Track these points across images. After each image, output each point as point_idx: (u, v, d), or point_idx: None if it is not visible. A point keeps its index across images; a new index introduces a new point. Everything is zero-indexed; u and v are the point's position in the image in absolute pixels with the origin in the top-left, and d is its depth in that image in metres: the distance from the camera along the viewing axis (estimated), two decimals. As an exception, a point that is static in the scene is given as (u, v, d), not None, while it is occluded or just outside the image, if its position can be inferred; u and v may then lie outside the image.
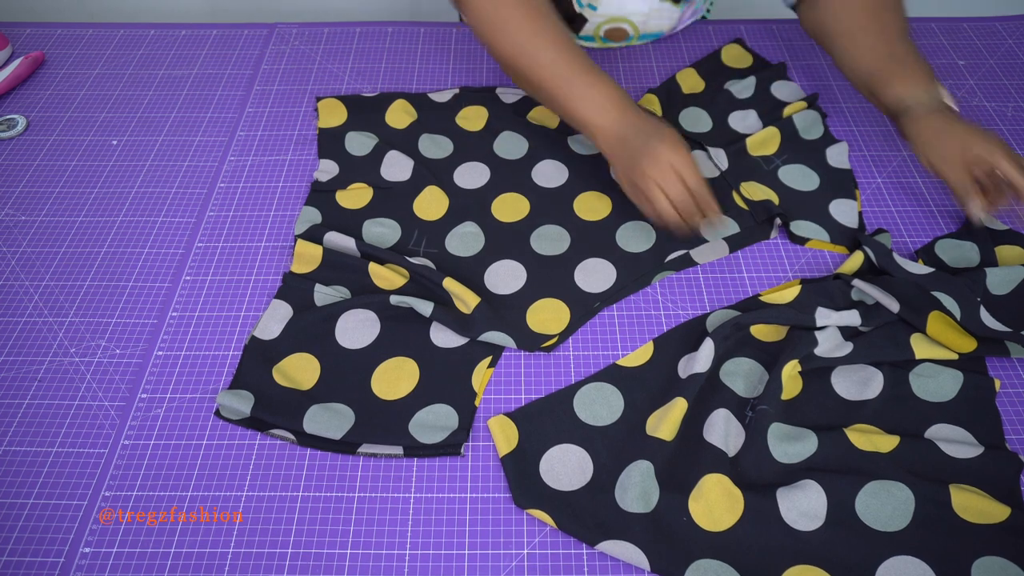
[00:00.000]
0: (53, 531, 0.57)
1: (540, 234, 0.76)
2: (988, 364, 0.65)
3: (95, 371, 0.66)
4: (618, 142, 0.70)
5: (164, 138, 0.88)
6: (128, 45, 1.00)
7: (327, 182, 0.81)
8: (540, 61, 0.72)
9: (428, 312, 0.67)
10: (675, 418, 0.60)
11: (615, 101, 0.71)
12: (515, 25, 0.73)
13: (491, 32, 0.75)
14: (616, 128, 0.70)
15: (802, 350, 0.63)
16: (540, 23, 0.73)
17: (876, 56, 0.75)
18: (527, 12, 0.74)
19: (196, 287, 0.72)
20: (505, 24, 0.74)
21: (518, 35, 0.73)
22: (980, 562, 0.54)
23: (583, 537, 0.55)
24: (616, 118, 0.70)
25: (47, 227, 0.78)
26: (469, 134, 0.86)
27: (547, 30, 0.73)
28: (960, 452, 0.58)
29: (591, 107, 0.71)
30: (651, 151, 0.67)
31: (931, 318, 0.64)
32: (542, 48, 0.73)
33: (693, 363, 0.63)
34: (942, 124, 0.70)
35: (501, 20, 0.74)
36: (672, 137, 0.68)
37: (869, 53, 0.76)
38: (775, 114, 0.86)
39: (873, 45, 0.76)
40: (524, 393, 0.65)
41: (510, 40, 0.74)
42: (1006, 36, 0.98)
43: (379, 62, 0.96)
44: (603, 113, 0.71)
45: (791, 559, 0.54)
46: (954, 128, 0.70)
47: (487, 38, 0.76)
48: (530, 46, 0.73)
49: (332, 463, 0.61)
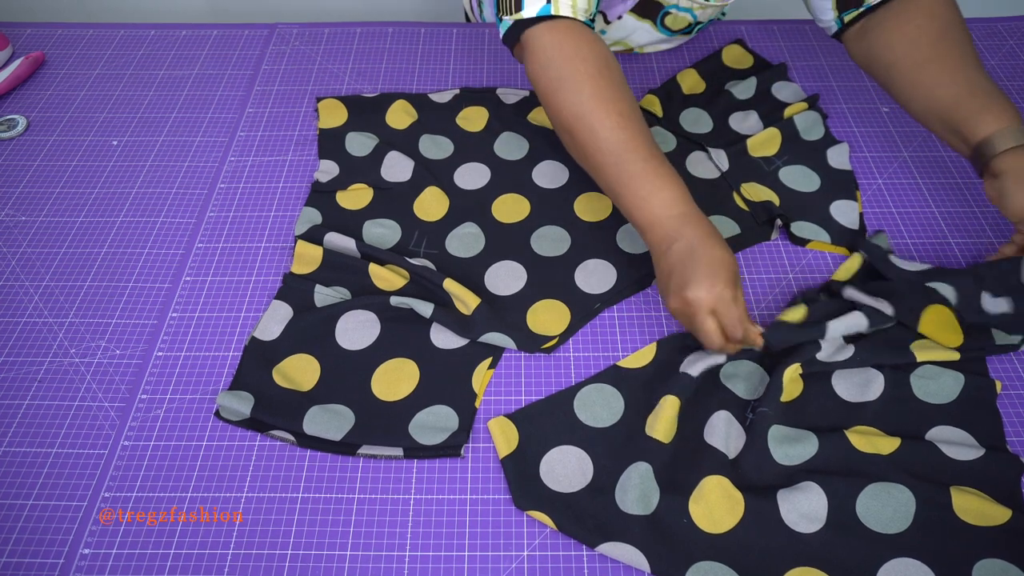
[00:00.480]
0: (53, 531, 0.57)
1: (540, 235, 0.76)
2: (989, 365, 0.65)
3: (95, 372, 0.66)
4: (664, 250, 0.62)
5: (164, 138, 0.88)
6: (128, 45, 1.00)
7: (327, 183, 0.81)
8: (599, 140, 0.64)
9: (428, 313, 0.67)
10: (669, 416, 0.60)
11: (676, 201, 0.63)
12: (584, 87, 0.65)
13: (554, 88, 0.67)
14: (666, 232, 0.62)
15: (805, 354, 0.62)
16: (609, 91, 0.65)
17: (953, 91, 0.65)
18: (595, 72, 0.66)
19: (196, 288, 0.72)
20: (572, 82, 0.66)
21: (584, 99, 0.65)
22: (981, 564, 0.54)
23: (583, 539, 0.55)
24: (670, 220, 0.62)
25: (47, 227, 0.78)
26: (470, 135, 0.86)
27: (616, 100, 0.65)
28: (961, 454, 0.58)
29: (646, 209, 0.63)
30: (688, 283, 0.59)
31: (925, 314, 0.64)
32: (605, 123, 0.64)
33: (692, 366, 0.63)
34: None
35: (569, 77, 0.66)
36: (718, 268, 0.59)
37: (943, 88, 0.66)
38: (776, 115, 0.86)
39: (948, 78, 0.66)
40: (524, 394, 0.65)
41: (573, 102, 0.65)
42: (1007, 37, 0.98)
43: (379, 62, 0.96)
44: (663, 209, 0.62)
45: (792, 561, 0.54)
46: None
47: (548, 94, 0.67)
48: (595, 116, 0.64)
49: (332, 464, 0.61)
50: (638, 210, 0.63)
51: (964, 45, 0.68)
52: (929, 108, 0.68)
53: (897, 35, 0.70)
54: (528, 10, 0.69)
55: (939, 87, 0.66)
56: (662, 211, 0.62)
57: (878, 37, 0.72)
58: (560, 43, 0.67)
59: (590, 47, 0.67)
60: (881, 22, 0.72)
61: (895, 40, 0.70)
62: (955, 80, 0.66)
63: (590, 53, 0.67)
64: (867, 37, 0.74)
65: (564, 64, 0.67)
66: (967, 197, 0.79)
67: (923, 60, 0.68)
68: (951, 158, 0.83)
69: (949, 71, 0.66)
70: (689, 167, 0.82)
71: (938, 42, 0.68)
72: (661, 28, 0.91)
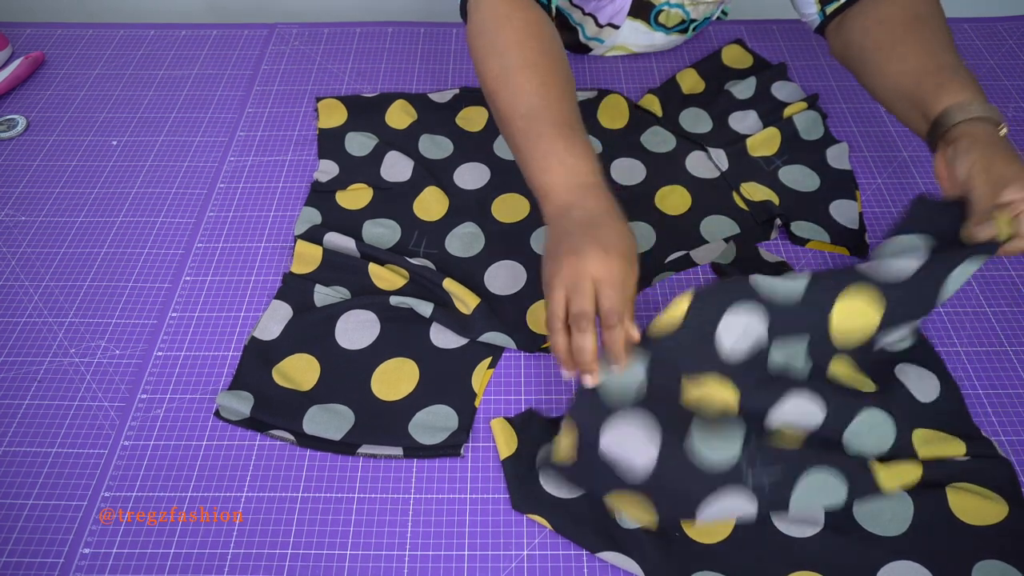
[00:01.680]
0: (53, 531, 0.57)
1: (540, 235, 0.76)
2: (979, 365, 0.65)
3: (95, 371, 0.66)
4: (558, 217, 0.58)
5: (164, 138, 0.88)
6: (128, 45, 1.00)
7: (327, 182, 0.81)
8: (515, 105, 0.62)
9: (428, 313, 0.67)
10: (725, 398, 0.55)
11: (581, 171, 0.59)
12: (510, 52, 0.64)
13: (482, 54, 0.66)
14: (565, 199, 0.58)
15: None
16: (536, 57, 0.64)
17: (921, 68, 0.64)
18: (523, 39, 0.65)
19: (196, 287, 0.72)
20: (498, 48, 0.65)
21: (509, 63, 0.64)
22: (980, 565, 0.54)
23: (582, 543, 0.55)
24: (572, 189, 0.58)
25: (47, 227, 0.78)
26: (469, 134, 0.86)
27: (539, 67, 0.63)
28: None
29: (546, 176, 0.59)
30: (579, 248, 0.54)
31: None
32: (522, 89, 0.62)
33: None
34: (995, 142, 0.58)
35: (499, 43, 0.65)
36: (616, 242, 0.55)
37: (912, 65, 0.65)
38: (775, 115, 0.86)
39: (916, 57, 0.65)
40: (524, 394, 0.65)
41: (497, 66, 0.64)
42: (1007, 36, 0.98)
43: (379, 62, 0.96)
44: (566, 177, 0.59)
45: (790, 566, 0.54)
46: (1007, 152, 0.58)
47: (477, 60, 0.67)
48: (512, 82, 0.63)
49: (332, 464, 0.61)
50: (541, 173, 0.60)
51: (938, 29, 0.67)
52: (896, 85, 0.66)
53: (873, 19, 0.70)
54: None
55: (907, 64, 0.66)
56: (565, 179, 0.59)
57: (855, 22, 0.72)
58: (495, 11, 0.67)
59: (523, 15, 0.67)
60: (859, 11, 0.73)
61: (870, 24, 0.70)
62: (923, 59, 0.65)
63: (522, 21, 0.66)
64: (845, 25, 0.74)
65: (495, 31, 0.66)
66: (967, 197, 0.79)
67: (896, 41, 0.67)
68: (951, 158, 0.83)
69: (919, 51, 0.66)
70: (689, 167, 0.82)
71: (912, 24, 0.68)
72: (655, 26, 0.91)
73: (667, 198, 0.79)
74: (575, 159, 0.59)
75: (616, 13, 0.88)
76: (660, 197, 0.78)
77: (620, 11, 0.88)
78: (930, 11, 0.69)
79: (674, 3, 0.87)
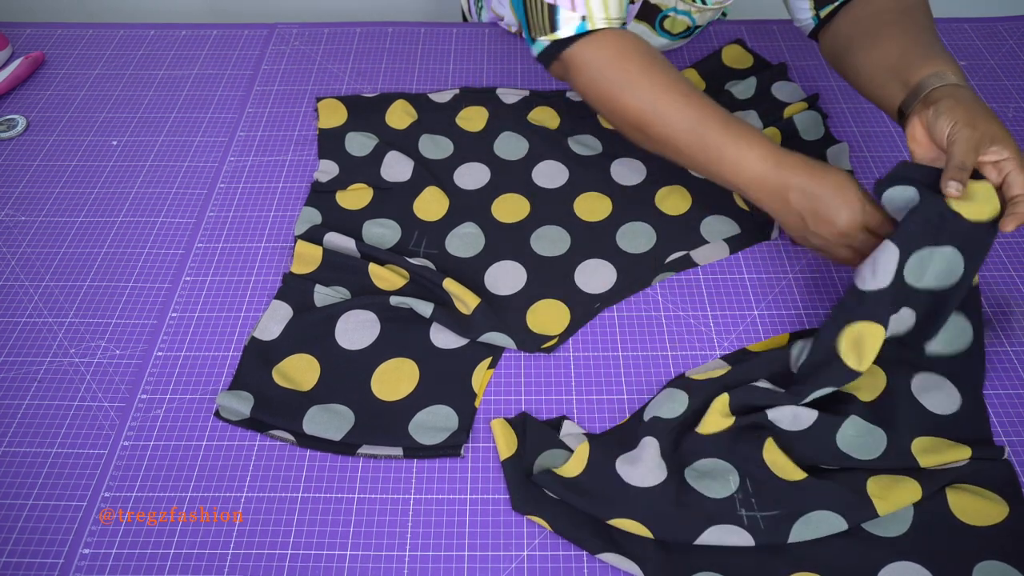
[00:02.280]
0: (53, 531, 0.57)
1: (540, 235, 0.76)
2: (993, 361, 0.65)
3: (95, 372, 0.66)
4: (786, 200, 0.64)
5: (164, 138, 0.88)
6: (128, 45, 1.00)
7: (327, 182, 0.81)
8: (673, 125, 0.66)
9: (428, 313, 0.67)
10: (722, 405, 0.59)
11: (767, 153, 0.64)
12: (641, 83, 0.67)
13: (613, 94, 0.68)
14: (773, 184, 0.64)
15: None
16: (666, 78, 0.67)
17: (907, 45, 0.67)
18: (646, 68, 0.67)
19: (196, 287, 0.72)
20: (629, 83, 0.67)
21: (646, 93, 0.67)
22: (981, 566, 0.54)
23: (581, 544, 0.55)
24: (769, 175, 0.64)
25: (47, 227, 0.78)
26: (469, 135, 0.86)
27: (676, 85, 0.67)
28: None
29: (744, 171, 0.64)
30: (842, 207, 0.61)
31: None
32: (673, 109, 0.66)
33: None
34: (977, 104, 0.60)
35: (625, 79, 0.67)
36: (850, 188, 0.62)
37: (898, 43, 0.68)
38: (776, 115, 0.86)
39: (904, 37, 0.68)
40: (524, 394, 0.65)
41: (637, 100, 0.67)
42: (1007, 37, 0.98)
43: (379, 62, 0.96)
44: (759, 164, 0.64)
45: (790, 566, 0.54)
46: (989, 114, 0.60)
47: (608, 101, 0.69)
48: (661, 105, 0.66)
49: (332, 464, 0.61)
50: (736, 175, 0.65)
51: (925, 18, 0.70)
52: (881, 60, 0.68)
53: (863, 12, 0.73)
54: (564, 30, 0.69)
55: (894, 43, 0.68)
56: (759, 167, 0.64)
57: (846, 17, 0.75)
58: (604, 54, 0.68)
59: (634, 48, 0.68)
60: (850, 8, 0.75)
61: (861, 15, 0.73)
62: (909, 40, 0.68)
63: (635, 53, 0.68)
64: (836, 21, 0.76)
65: (614, 71, 0.68)
66: (967, 197, 0.79)
67: (884, 24, 0.70)
68: (951, 158, 0.83)
69: (906, 33, 0.68)
70: (689, 167, 0.82)
71: (902, 14, 0.70)
72: (660, 32, 0.91)
73: (667, 198, 0.79)
74: (757, 148, 0.64)
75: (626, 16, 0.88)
76: (660, 197, 0.78)
77: (629, 14, 0.88)
78: (917, 3, 0.71)
79: (681, 9, 0.87)
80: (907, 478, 0.56)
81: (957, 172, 0.57)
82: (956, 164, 0.57)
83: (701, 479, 0.57)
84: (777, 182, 0.64)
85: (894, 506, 0.55)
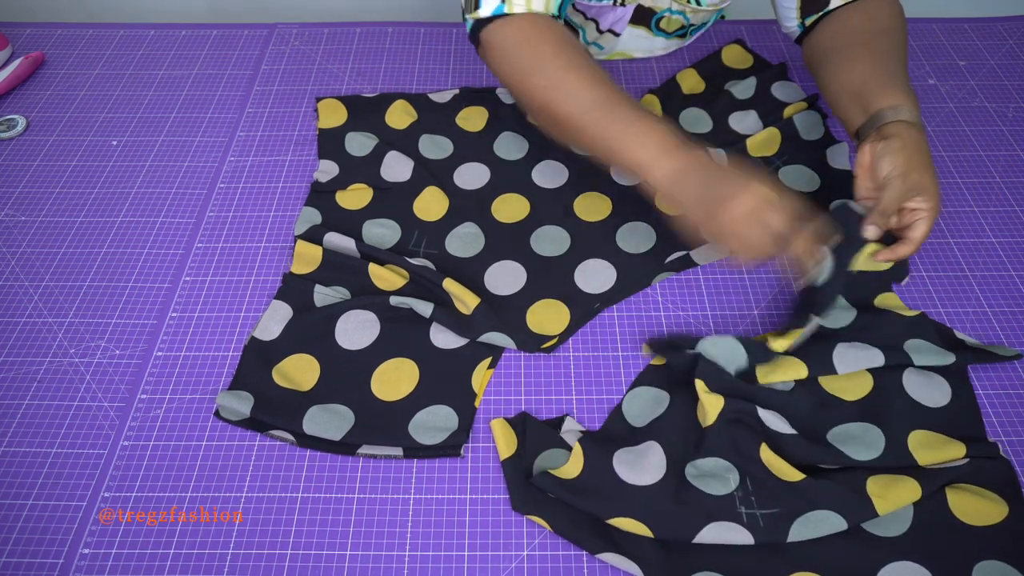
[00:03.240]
0: (53, 531, 0.57)
1: (540, 235, 0.76)
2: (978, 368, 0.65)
3: (95, 372, 0.66)
4: (679, 180, 0.63)
5: (164, 138, 0.88)
6: (128, 45, 1.00)
7: (327, 183, 0.81)
8: (578, 103, 0.66)
9: (428, 313, 0.67)
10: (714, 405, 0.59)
11: (670, 136, 0.64)
12: (551, 63, 0.67)
13: (523, 74, 0.69)
14: (675, 164, 0.63)
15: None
16: (577, 60, 0.67)
17: (871, 71, 0.70)
18: (556, 51, 0.68)
19: (196, 287, 0.72)
20: (540, 64, 0.67)
21: (554, 72, 0.67)
22: (981, 566, 0.54)
23: (581, 544, 0.55)
24: (673, 153, 0.63)
25: (47, 227, 0.78)
26: (469, 134, 0.86)
27: (585, 67, 0.67)
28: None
29: (645, 149, 0.64)
30: (741, 190, 0.60)
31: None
32: (579, 87, 0.66)
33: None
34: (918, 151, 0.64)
35: (536, 61, 0.68)
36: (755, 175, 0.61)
37: (866, 67, 0.70)
38: (775, 115, 0.86)
39: (872, 61, 0.71)
40: (524, 394, 0.65)
41: (545, 78, 0.67)
42: (1007, 37, 0.98)
43: (379, 62, 0.96)
44: (660, 145, 0.63)
45: (790, 566, 0.54)
46: (925, 162, 0.64)
47: (517, 82, 0.70)
48: (568, 83, 0.66)
49: (332, 464, 0.61)
50: (634, 152, 0.64)
51: (896, 44, 0.73)
52: (848, 80, 0.71)
53: (842, 26, 0.76)
54: (484, 9, 0.71)
55: (862, 66, 0.71)
56: (659, 148, 0.63)
57: (827, 28, 0.77)
58: (518, 36, 0.70)
59: (549, 32, 0.69)
60: (832, 19, 0.78)
61: (839, 29, 0.76)
62: (876, 65, 0.71)
63: (550, 36, 0.69)
64: (817, 31, 0.79)
65: (525, 52, 0.69)
66: (967, 196, 0.79)
67: (857, 45, 0.73)
68: (950, 158, 0.83)
69: (874, 57, 0.71)
70: (689, 167, 0.82)
71: (875, 36, 0.73)
72: (656, 31, 0.91)
73: (667, 198, 0.79)
74: (661, 131, 0.64)
75: (617, 20, 0.89)
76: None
77: (621, 19, 0.88)
78: (893, 26, 0.74)
79: (676, 9, 0.88)
80: (907, 477, 0.56)
81: (879, 218, 0.63)
82: (880, 210, 0.63)
83: (701, 477, 0.57)
84: (677, 161, 0.63)
85: (894, 505, 0.55)
